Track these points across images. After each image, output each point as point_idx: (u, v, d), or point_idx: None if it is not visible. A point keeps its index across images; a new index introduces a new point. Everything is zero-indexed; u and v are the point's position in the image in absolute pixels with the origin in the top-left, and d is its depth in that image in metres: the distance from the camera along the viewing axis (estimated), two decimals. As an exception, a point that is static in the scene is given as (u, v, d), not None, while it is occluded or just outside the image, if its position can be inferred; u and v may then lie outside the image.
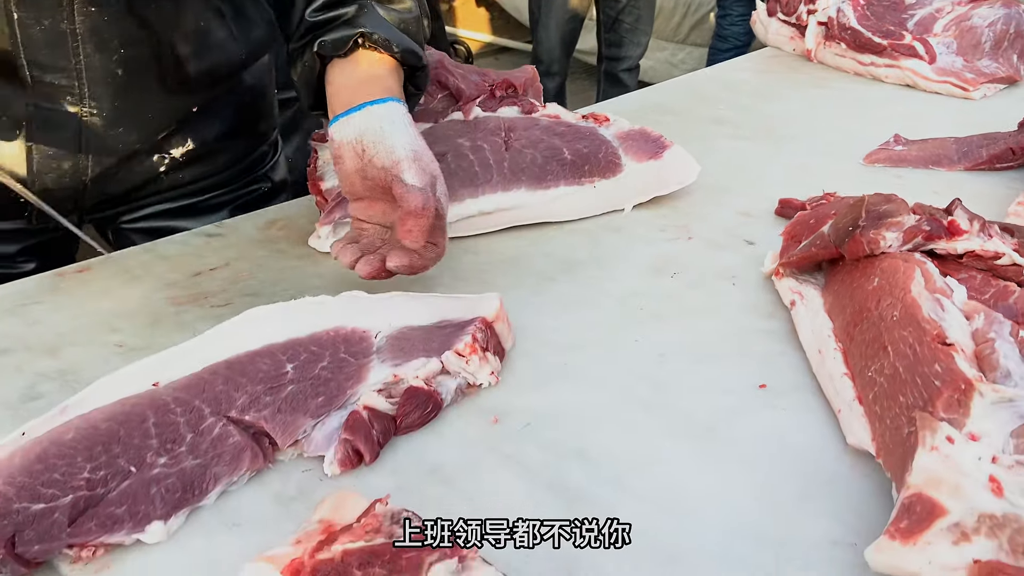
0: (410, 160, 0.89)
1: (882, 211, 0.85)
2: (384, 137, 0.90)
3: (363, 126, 0.91)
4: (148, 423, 0.68)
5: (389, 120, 0.91)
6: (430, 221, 0.87)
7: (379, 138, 0.90)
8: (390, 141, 0.89)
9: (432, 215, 0.87)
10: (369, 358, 0.80)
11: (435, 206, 0.88)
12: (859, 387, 0.74)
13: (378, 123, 0.90)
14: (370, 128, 0.90)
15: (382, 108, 0.92)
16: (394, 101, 0.93)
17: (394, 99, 0.93)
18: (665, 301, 0.99)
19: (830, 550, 0.63)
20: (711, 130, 1.59)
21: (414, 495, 0.70)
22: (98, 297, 0.99)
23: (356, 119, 0.91)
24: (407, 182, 0.87)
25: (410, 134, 0.91)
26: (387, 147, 0.89)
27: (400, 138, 0.90)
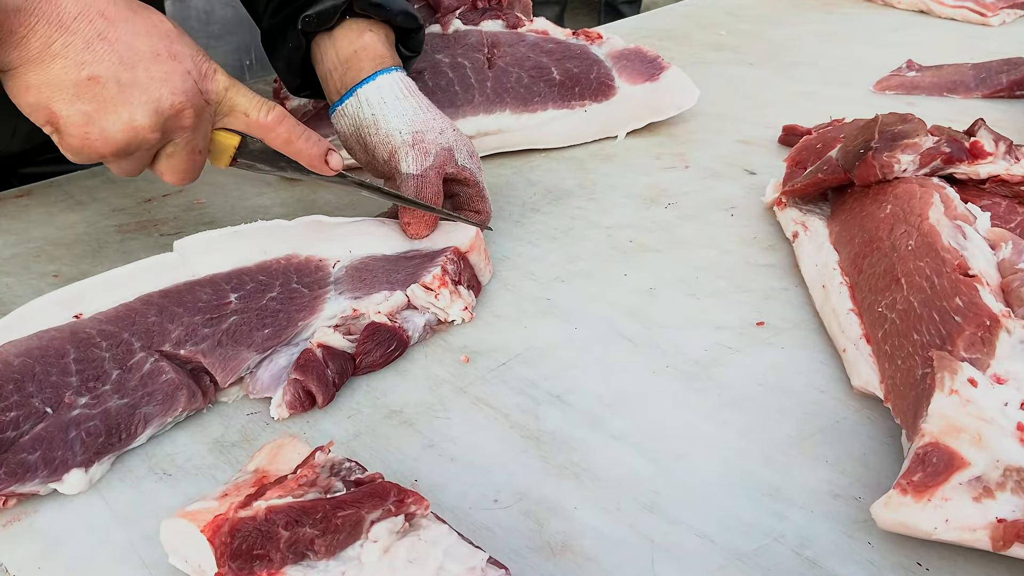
0: (408, 147, 0.81)
1: (897, 132, 0.77)
2: (379, 126, 0.82)
3: (358, 117, 0.83)
4: (68, 358, 0.61)
5: (380, 103, 0.82)
6: (427, 214, 0.80)
7: (374, 129, 0.82)
8: (385, 128, 0.81)
9: (428, 203, 0.80)
10: (325, 289, 0.72)
11: (431, 195, 0.80)
12: (867, 324, 0.66)
13: (369, 111, 0.82)
14: (364, 119, 0.82)
15: (371, 89, 0.82)
16: (385, 73, 0.83)
17: (385, 71, 0.83)
18: (658, 233, 0.91)
19: (830, 503, 0.56)
20: (711, 56, 1.50)
21: (372, 441, 0.63)
22: (37, 224, 0.90)
23: (349, 109, 0.83)
24: (403, 172, 0.80)
25: (407, 110, 0.82)
26: (383, 137, 0.81)
27: (395, 122, 0.81)
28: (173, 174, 0.69)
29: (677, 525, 0.55)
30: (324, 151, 0.73)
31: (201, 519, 0.46)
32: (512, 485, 0.58)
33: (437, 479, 0.59)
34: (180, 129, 0.66)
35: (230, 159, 0.73)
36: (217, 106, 0.69)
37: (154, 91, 0.64)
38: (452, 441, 0.63)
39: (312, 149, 0.73)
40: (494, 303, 0.79)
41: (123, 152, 0.65)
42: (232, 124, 0.71)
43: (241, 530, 0.43)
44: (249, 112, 0.70)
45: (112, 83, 0.62)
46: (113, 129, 0.63)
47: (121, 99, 0.63)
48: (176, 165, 0.69)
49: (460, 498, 0.58)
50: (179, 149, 0.68)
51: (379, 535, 0.43)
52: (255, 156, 0.73)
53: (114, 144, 0.64)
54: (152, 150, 0.67)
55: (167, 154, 0.68)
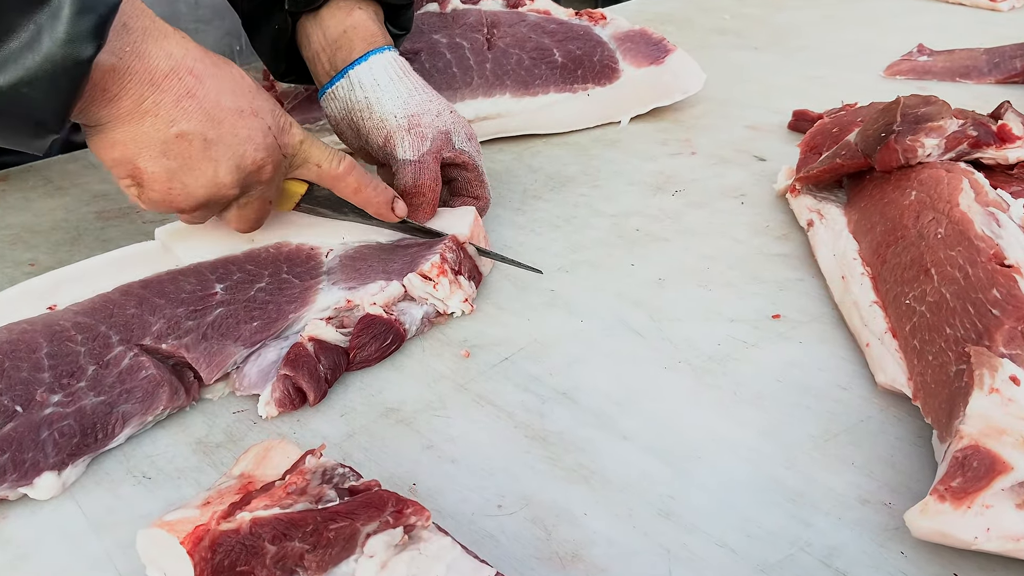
0: (403, 131, 0.77)
1: (920, 114, 0.73)
2: (372, 110, 0.78)
3: (349, 100, 0.79)
4: (40, 353, 0.56)
5: (373, 85, 0.78)
6: (426, 199, 0.77)
7: (367, 113, 0.78)
8: (379, 112, 0.78)
9: (427, 192, 0.76)
10: (317, 279, 0.68)
11: (430, 181, 0.77)
12: (892, 317, 0.63)
13: (362, 94, 0.78)
14: (356, 102, 0.79)
15: (363, 69, 0.79)
16: (377, 53, 0.79)
17: (377, 50, 0.79)
18: (665, 221, 0.87)
19: (859, 509, 0.52)
20: (714, 40, 1.46)
21: (366, 442, 0.59)
22: (14, 210, 0.86)
23: (340, 92, 0.79)
24: (399, 158, 0.77)
25: (402, 92, 0.79)
26: (377, 122, 0.78)
27: (389, 104, 0.78)
28: (242, 223, 0.68)
29: (695, 533, 0.51)
30: (391, 199, 0.73)
31: (181, 529, 0.42)
32: (517, 489, 0.55)
33: (437, 483, 0.55)
34: (258, 183, 0.66)
35: (294, 204, 0.72)
36: (292, 159, 0.68)
37: (238, 148, 0.63)
38: (452, 442, 0.59)
39: (380, 197, 0.72)
40: (495, 294, 0.75)
41: (203, 205, 0.64)
42: (304, 175, 0.70)
43: (223, 544, 0.39)
44: (322, 164, 0.69)
45: (199, 140, 0.61)
46: (196, 185, 0.62)
47: (206, 156, 0.62)
48: (247, 216, 0.68)
49: (461, 503, 0.54)
50: (252, 200, 0.67)
51: (376, 549, 0.39)
52: (319, 202, 0.73)
53: (195, 200, 0.63)
54: (228, 203, 0.66)
55: (239, 205, 0.67)
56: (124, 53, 0.58)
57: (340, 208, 0.73)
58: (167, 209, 0.64)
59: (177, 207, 0.63)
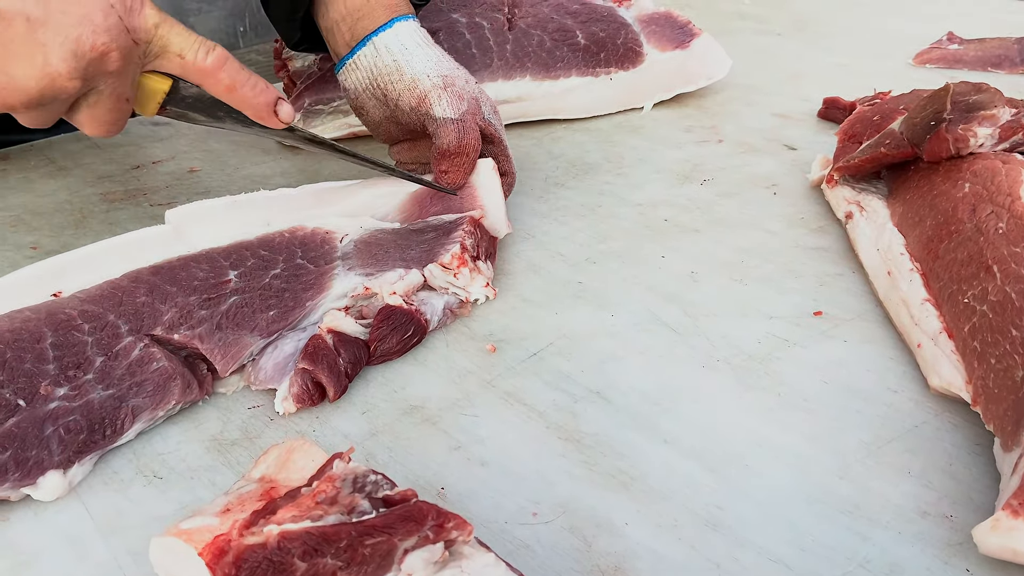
0: (439, 89, 0.73)
1: (972, 102, 0.69)
2: (402, 72, 0.74)
3: (375, 67, 0.75)
4: (44, 343, 0.53)
5: (401, 48, 0.74)
6: (469, 159, 0.73)
7: (397, 75, 0.74)
8: (410, 74, 0.73)
9: (471, 152, 0.72)
10: (332, 265, 0.65)
11: (473, 141, 0.72)
12: (948, 317, 0.59)
13: (390, 58, 0.74)
14: (383, 67, 0.74)
15: (389, 35, 0.75)
16: (401, 21, 0.76)
17: (400, 18, 0.76)
18: (695, 212, 0.83)
19: (919, 523, 0.49)
20: (736, 25, 1.42)
21: (390, 441, 0.55)
22: (15, 191, 0.82)
23: (364, 60, 0.75)
24: (438, 116, 0.72)
25: (431, 56, 0.75)
26: (408, 83, 0.73)
27: (421, 65, 0.74)
28: (95, 125, 0.59)
29: (746, 547, 0.48)
30: (273, 99, 0.64)
31: (199, 539, 0.39)
32: (553, 495, 0.51)
33: (467, 487, 0.52)
34: (104, 75, 0.56)
35: (158, 106, 0.62)
36: (146, 46, 0.58)
37: (71, 30, 0.53)
38: (481, 443, 0.55)
39: (260, 98, 0.63)
40: (520, 286, 0.72)
41: (35, 103, 0.55)
42: (164, 67, 0.60)
43: (249, 560, 0.35)
44: (185, 53, 0.60)
45: (20, 20, 0.52)
46: (24, 76, 0.53)
47: (31, 39, 0.52)
48: (99, 116, 0.59)
49: (494, 510, 0.50)
50: (103, 98, 0.58)
51: (414, 567, 0.36)
52: (188, 104, 0.63)
53: (25, 94, 0.54)
54: (70, 100, 0.57)
55: (89, 104, 0.58)
56: None
57: (214, 112, 0.64)
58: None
59: (6, 103, 0.54)
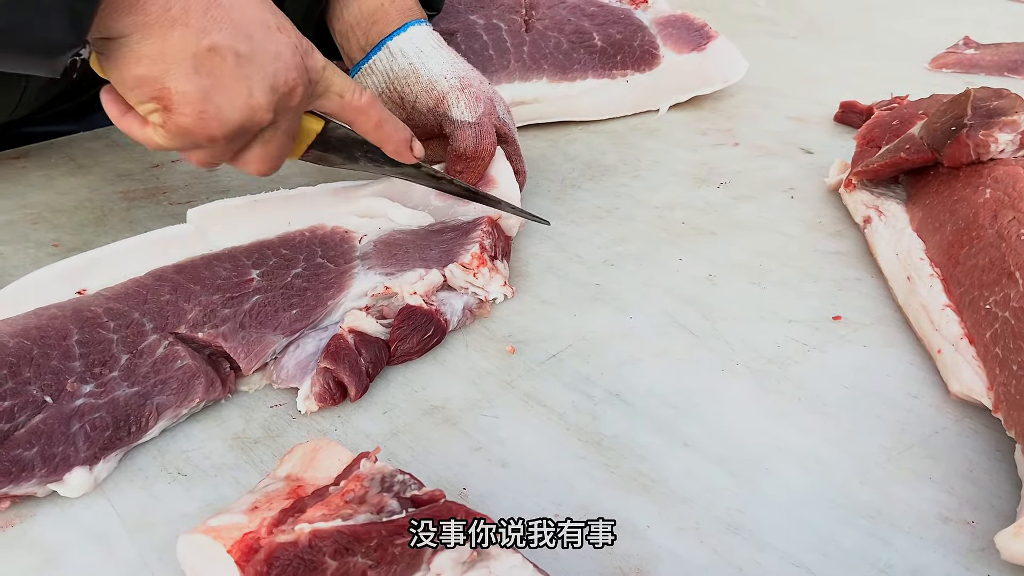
0: (457, 91, 0.74)
1: (992, 108, 0.69)
2: (419, 75, 0.74)
3: (390, 70, 0.75)
4: (70, 340, 0.53)
5: (416, 52, 0.75)
6: (484, 163, 0.74)
7: (414, 78, 0.75)
8: (427, 76, 0.74)
9: (487, 156, 0.74)
10: (351, 264, 0.65)
11: (490, 145, 0.74)
12: (969, 323, 0.59)
13: (406, 61, 0.75)
14: (399, 70, 0.75)
15: (403, 39, 0.75)
16: (415, 25, 0.76)
17: (414, 22, 0.76)
18: (712, 215, 0.83)
19: (940, 528, 0.49)
20: (750, 27, 1.42)
21: (411, 441, 0.55)
22: (36, 188, 0.83)
23: (379, 64, 0.76)
24: (455, 119, 0.73)
25: (447, 57, 0.76)
26: (426, 85, 0.74)
27: (437, 67, 0.75)
28: (264, 162, 0.61)
29: (768, 551, 0.48)
30: (410, 136, 0.68)
31: (227, 537, 0.39)
32: (574, 497, 0.51)
33: (488, 488, 0.52)
34: (287, 110, 0.59)
35: (306, 147, 0.66)
36: (315, 86, 0.61)
37: (270, 66, 0.56)
38: (502, 444, 0.56)
39: (400, 135, 0.67)
40: (538, 287, 0.72)
41: (236, 134, 0.57)
42: (324, 106, 0.63)
43: (281, 558, 0.36)
44: (344, 93, 0.63)
45: (231, 55, 0.54)
46: (230, 107, 0.55)
47: (239, 74, 0.54)
48: (270, 152, 0.60)
49: (515, 511, 0.50)
50: (278, 134, 0.60)
51: (443, 567, 0.36)
52: (331, 145, 0.67)
53: (229, 125, 0.56)
54: (255, 133, 0.59)
55: (264, 140, 0.59)
56: None
57: (352, 153, 0.68)
58: (196, 140, 0.56)
59: (209, 134, 0.55)
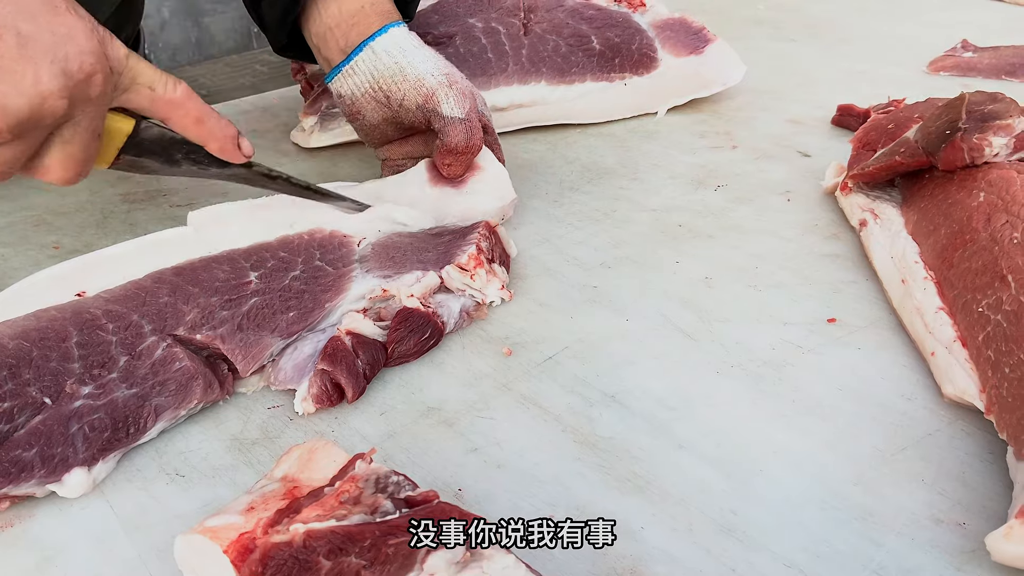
0: (445, 87, 0.74)
1: (987, 112, 0.70)
2: (405, 73, 0.75)
3: (375, 70, 0.75)
4: (70, 342, 0.54)
5: (400, 51, 0.75)
6: (472, 157, 0.75)
7: (400, 76, 0.75)
8: (414, 74, 0.74)
9: (476, 150, 0.75)
10: (350, 267, 0.65)
11: (478, 140, 0.75)
12: (962, 325, 0.60)
13: (391, 60, 0.75)
14: (384, 69, 0.75)
15: (386, 40, 0.76)
16: (395, 26, 0.77)
17: (395, 24, 0.77)
18: (709, 217, 0.84)
19: (932, 530, 0.49)
20: (750, 31, 1.42)
21: (408, 442, 0.56)
22: (36, 190, 0.83)
23: (362, 64, 0.76)
24: (446, 115, 0.73)
25: (429, 56, 0.76)
26: (413, 82, 0.74)
27: (423, 65, 0.75)
28: (67, 167, 0.55)
29: (761, 552, 0.48)
30: (236, 133, 0.63)
31: (224, 537, 0.40)
32: (569, 498, 0.52)
33: (484, 489, 0.52)
34: (86, 101, 0.53)
35: (117, 151, 0.59)
36: (118, 77, 0.55)
37: (60, 48, 0.51)
38: (498, 445, 0.56)
39: (226, 130, 0.62)
40: (535, 290, 0.72)
41: (24, 126, 0.51)
42: (133, 101, 0.57)
43: (275, 558, 0.36)
44: (155, 86, 0.57)
45: (11, 35, 0.49)
46: (14, 93, 0.49)
47: (22, 55, 0.49)
48: (73, 153, 0.54)
49: (511, 511, 0.51)
50: (79, 131, 0.54)
51: (436, 567, 0.37)
52: (146, 148, 0.61)
53: (15, 115, 0.50)
54: (49, 128, 0.53)
55: (63, 139, 0.54)
56: None
57: (170, 155, 0.61)
58: None
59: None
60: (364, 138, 0.81)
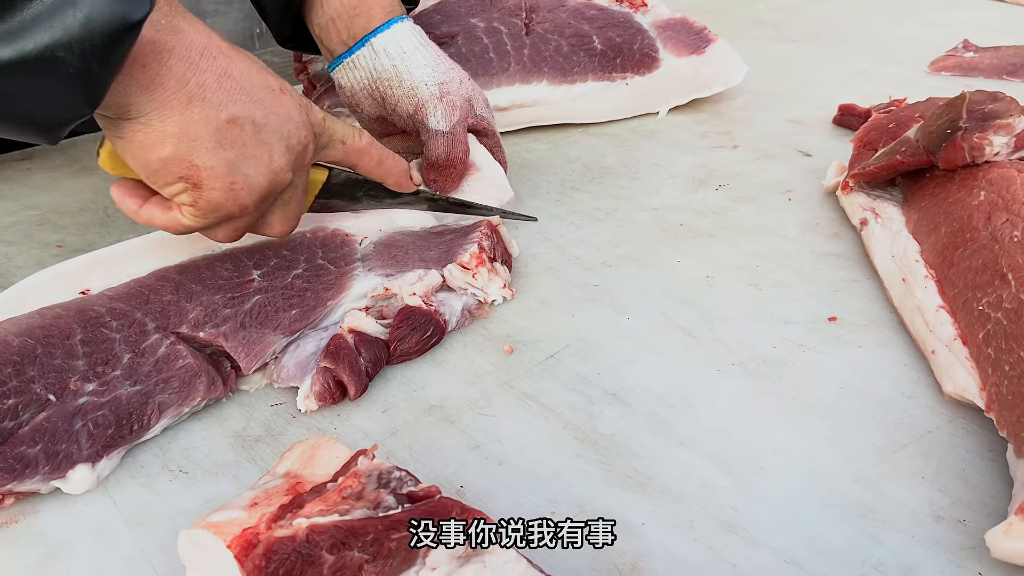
0: (436, 100, 0.76)
1: (987, 111, 0.70)
2: (401, 79, 0.76)
3: (375, 69, 0.77)
4: (74, 339, 0.54)
5: (400, 52, 0.76)
6: (457, 170, 0.76)
7: (396, 81, 0.76)
8: (409, 81, 0.76)
9: (459, 164, 0.76)
10: (352, 266, 0.66)
11: (461, 153, 0.76)
12: (962, 324, 0.60)
13: (389, 62, 0.76)
14: (383, 71, 0.76)
15: (387, 37, 0.76)
16: (399, 22, 0.77)
17: (398, 19, 0.77)
18: (710, 216, 0.84)
19: (932, 526, 0.50)
20: (751, 31, 1.42)
21: (410, 439, 0.56)
22: (40, 190, 0.84)
23: (363, 60, 0.77)
24: (431, 128, 0.75)
25: (429, 60, 0.77)
26: (407, 90, 0.76)
27: (419, 72, 0.76)
28: (284, 222, 0.61)
29: (761, 548, 0.48)
30: (407, 166, 0.70)
31: (227, 532, 0.40)
32: (570, 495, 0.52)
33: (485, 485, 0.53)
34: (302, 167, 0.60)
35: (313, 199, 0.67)
36: (318, 137, 0.62)
37: (283, 128, 0.57)
38: (500, 442, 0.56)
39: (400, 166, 0.69)
40: (537, 288, 0.73)
41: (264, 200, 0.58)
42: (330, 156, 0.64)
43: (278, 552, 0.36)
44: (346, 139, 0.64)
45: (249, 124, 0.55)
46: (255, 174, 0.56)
47: (258, 140, 0.55)
48: (290, 211, 0.61)
49: (513, 508, 0.51)
50: (296, 192, 0.61)
51: (438, 561, 0.37)
52: (334, 192, 0.68)
53: (258, 192, 0.56)
54: (279, 193, 0.60)
55: (283, 201, 0.60)
56: (160, 26, 0.50)
57: (354, 194, 0.69)
58: (226, 213, 0.56)
59: (241, 204, 0.56)
60: (365, 129, 0.82)
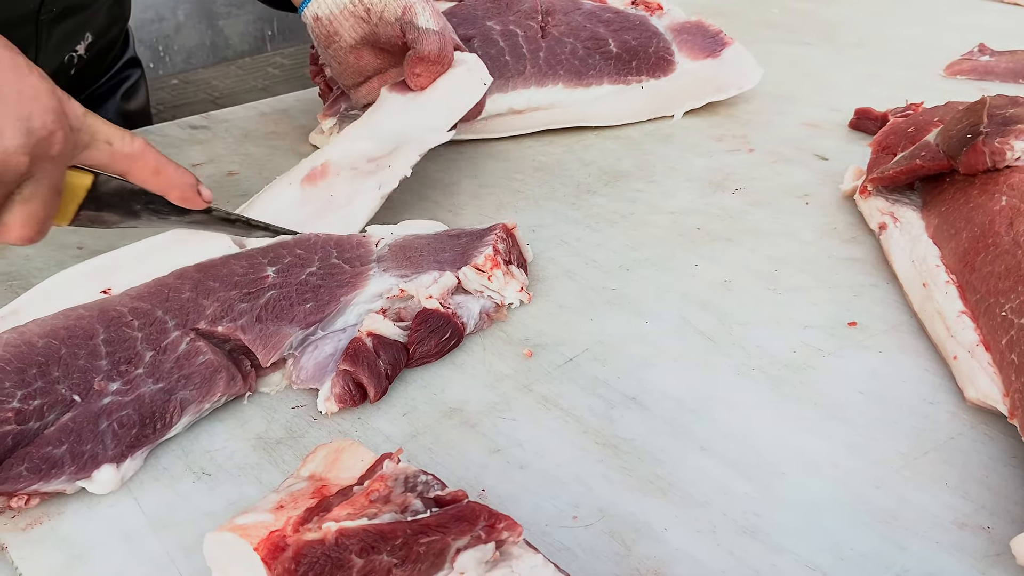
0: (422, 3, 0.78)
1: (1008, 115, 0.69)
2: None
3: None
4: (97, 339, 0.54)
5: None
6: (442, 69, 0.79)
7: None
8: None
9: (446, 64, 0.79)
10: (367, 266, 0.66)
11: (450, 54, 0.79)
12: (985, 329, 0.60)
13: None
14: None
15: None
16: None
17: None
18: (727, 220, 0.84)
19: (956, 533, 0.49)
20: (764, 34, 1.42)
21: (431, 443, 0.56)
22: (59, 190, 0.84)
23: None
24: (421, 26, 0.77)
25: None
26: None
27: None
28: (27, 225, 0.54)
29: (784, 554, 0.48)
30: (195, 180, 0.63)
31: (254, 535, 0.40)
32: (592, 499, 0.52)
33: (507, 489, 0.53)
34: (46, 159, 0.53)
35: (76, 208, 0.59)
36: (78, 134, 0.55)
37: (23, 106, 0.51)
38: (520, 446, 0.56)
39: (185, 178, 0.61)
40: (555, 292, 0.73)
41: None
42: (92, 157, 0.57)
43: (308, 556, 0.36)
44: (113, 140, 0.57)
45: None
46: None
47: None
48: (33, 212, 0.54)
49: (535, 512, 0.51)
50: (40, 188, 0.53)
51: (466, 566, 0.37)
52: (105, 202, 0.60)
53: None
54: (10, 186, 0.52)
55: (24, 198, 0.53)
56: None
57: (130, 207, 0.61)
58: None
59: None
60: (339, 76, 0.84)
